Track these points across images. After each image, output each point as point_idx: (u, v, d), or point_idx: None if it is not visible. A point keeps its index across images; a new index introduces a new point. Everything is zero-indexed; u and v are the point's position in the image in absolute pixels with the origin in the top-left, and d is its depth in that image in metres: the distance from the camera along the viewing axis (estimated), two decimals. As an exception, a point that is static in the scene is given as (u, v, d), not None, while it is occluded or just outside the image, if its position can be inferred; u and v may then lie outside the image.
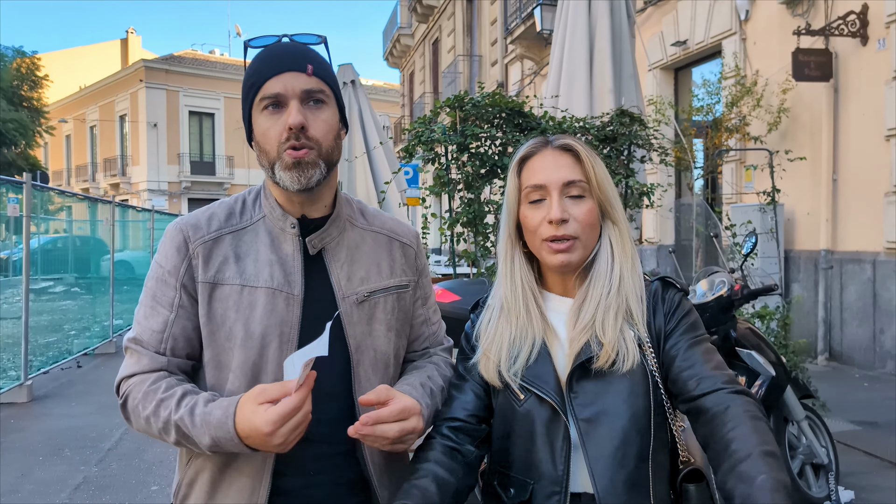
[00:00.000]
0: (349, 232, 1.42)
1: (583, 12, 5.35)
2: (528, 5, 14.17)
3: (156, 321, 1.31)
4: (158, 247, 1.36)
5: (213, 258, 1.32)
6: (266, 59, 1.31)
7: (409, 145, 4.74)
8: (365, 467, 1.36)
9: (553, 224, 1.31)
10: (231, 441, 1.18)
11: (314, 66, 1.31)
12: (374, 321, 1.38)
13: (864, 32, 7.29)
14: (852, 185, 7.51)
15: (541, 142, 1.40)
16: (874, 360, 7.17)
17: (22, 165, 25.41)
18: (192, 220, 1.36)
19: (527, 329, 1.36)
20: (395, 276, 1.45)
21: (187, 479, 1.34)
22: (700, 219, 8.66)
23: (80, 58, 43.40)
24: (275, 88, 1.28)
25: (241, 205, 1.40)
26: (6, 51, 27.66)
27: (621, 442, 1.26)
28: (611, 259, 1.36)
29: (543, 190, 1.35)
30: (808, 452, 3.71)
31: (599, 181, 1.35)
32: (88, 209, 12.30)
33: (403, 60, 28.41)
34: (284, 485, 1.31)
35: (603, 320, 1.31)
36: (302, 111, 1.28)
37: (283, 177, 1.29)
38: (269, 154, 1.30)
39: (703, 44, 9.71)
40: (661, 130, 5.56)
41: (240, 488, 1.29)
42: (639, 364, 1.29)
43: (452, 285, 3.44)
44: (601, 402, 1.28)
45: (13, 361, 7.47)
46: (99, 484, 4.57)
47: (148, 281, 1.35)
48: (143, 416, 1.26)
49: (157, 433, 1.26)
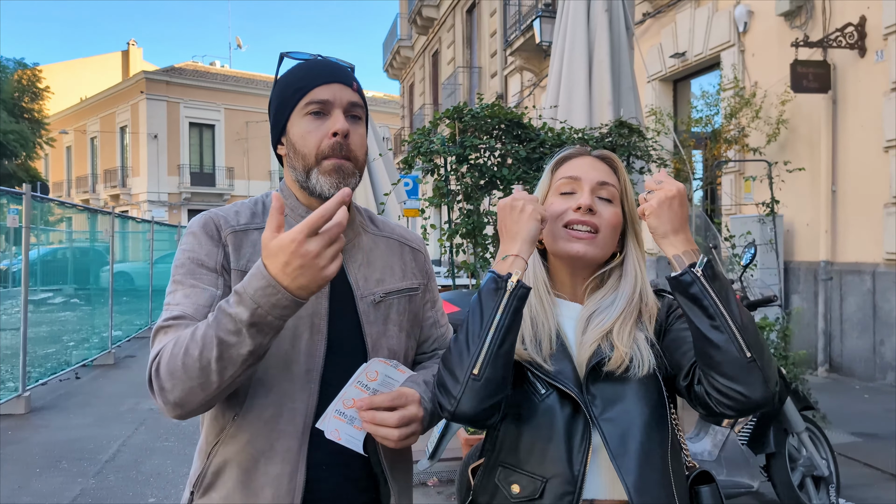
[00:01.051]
0: (363, 236, 1.47)
1: (582, 24, 5.37)
2: (527, 17, 14.23)
3: (201, 297, 1.27)
4: (185, 238, 1.35)
5: (243, 248, 1.34)
6: (315, 69, 1.37)
7: (409, 156, 4.75)
8: (377, 464, 1.37)
9: (580, 210, 1.35)
10: (268, 288, 1.08)
11: (357, 84, 1.40)
12: (388, 322, 1.42)
13: (862, 44, 7.32)
14: (851, 196, 7.51)
15: (582, 149, 1.48)
16: (874, 371, 7.15)
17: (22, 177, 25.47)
18: (220, 213, 1.38)
19: (543, 321, 1.37)
20: (406, 278, 1.49)
21: (213, 467, 1.32)
22: (699, 230, 8.66)
23: (81, 69, 43.57)
24: (323, 95, 1.33)
25: (261, 206, 1.43)
26: (7, 62, 27.79)
27: (645, 439, 1.26)
28: (639, 274, 1.40)
29: (576, 183, 1.39)
30: (809, 464, 3.69)
31: (629, 195, 1.42)
32: (88, 220, 12.30)
33: (403, 72, 28.51)
34: (307, 475, 1.32)
35: (620, 330, 1.33)
36: (346, 121, 1.34)
37: (321, 181, 1.33)
38: (306, 158, 1.34)
39: (702, 55, 9.74)
40: (661, 142, 5.56)
41: (276, 475, 1.28)
42: (654, 368, 1.32)
43: (451, 296, 3.44)
44: (620, 403, 1.29)
45: (11, 373, 7.44)
46: (96, 496, 4.55)
47: (178, 269, 1.31)
48: (181, 355, 1.14)
49: (196, 368, 1.13)
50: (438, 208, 4.86)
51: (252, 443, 1.29)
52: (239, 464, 1.30)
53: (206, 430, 1.35)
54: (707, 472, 1.35)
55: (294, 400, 1.30)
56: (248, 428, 1.29)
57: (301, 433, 1.30)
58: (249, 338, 1.11)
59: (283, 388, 1.30)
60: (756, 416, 3.54)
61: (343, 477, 1.35)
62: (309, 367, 1.31)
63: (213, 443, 1.32)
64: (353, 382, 1.24)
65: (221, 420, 1.32)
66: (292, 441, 1.29)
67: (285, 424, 1.29)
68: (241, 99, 35.05)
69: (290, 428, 1.29)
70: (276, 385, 1.30)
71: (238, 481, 1.29)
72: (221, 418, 1.32)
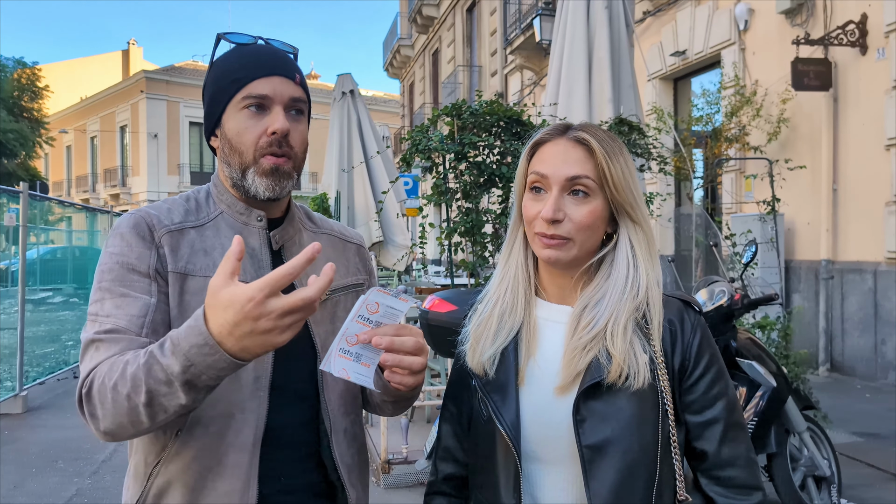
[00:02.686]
0: (302, 234, 1.40)
1: (581, 22, 5.34)
2: (527, 16, 14.20)
3: (134, 307, 1.16)
4: (111, 240, 1.23)
5: (181, 248, 1.24)
6: (254, 58, 1.27)
7: (407, 154, 4.72)
8: (334, 470, 1.30)
9: (545, 222, 1.21)
10: (205, 348, 0.98)
11: (300, 76, 1.30)
12: (336, 320, 1.35)
13: (863, 42, 7.29)
14: (852, 194, 7.48)
15: (558, 129, 1.29)
16: (876, 370, 7.12)
17: (22, 176, 25.42)
18: (151, 211, 1.27)
19: (507, 316, 1.28)
20: (350, 274, 1.44)
21: (154, 490, 1.20)
22: (700, 228, 8.64)
23: (82, 69, 43.58)
24: (262, 90, 1.24)
25: (194, 203, 1.32)
26: (7, 61, 27.75)
27: (626, 474, 1.16)
28: (633, 261, 1.24)
29: (545, 181, 1.24)
30: (810, 464, 3.66)
31: (615, 179, 1.22)
32: (87, 219, 12.27)
33: (403, 71, 28.49)
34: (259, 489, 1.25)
35: (613, 330, 1.20)
36: (286, 118, 1.25)
37: (256, 182, 1.25)
38: (242, 156, 1.25)
39: (703, 54, 9.71)
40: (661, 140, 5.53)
41: (225, 492, 1.19)
42: (650, 384, 1.18)
43: (449, 295, 3.40)
44: (608, 427, 1.17)
45: (9, 372, 7.42)
46: (92, 496, 4.52)
47: (104, 274, 1.20)
48: (110, 388, 1.06)
49: (125, 406, 1.05)
50: (437, 207, 4.83)
51: (198, 459, 1.19)
52: (185, 483, 1.19)
53: (144, 449, 1.23)
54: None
55: (243, 410, 1.21)
56: (193, 444, 1.18)
57: (252, 445, 1.20)
58: (183, 393, 1.02)
59: (231, 398, 1.20)
60: (757, 416, 3.51)
61: (298, 488, 1.28)
62: (258, 373, 1.22)
63: (154, 463, 1.21)
64: (353, 317, 1.14)
65: (162, 438, 1.20)
66: (242, 455, 1.19)
67: (234, 437, 1.20)
68: (241, 98, 35.01)
69: (240, 440, 1.20)
70: (223, 395, 1.18)
71: (184, 503, 1.20)
72: (162, 436, 1.20)
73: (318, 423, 1.31)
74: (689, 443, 1.25)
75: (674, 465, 1.21)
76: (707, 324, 1.32)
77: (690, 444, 1.25)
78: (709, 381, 1.24)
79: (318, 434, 1.31)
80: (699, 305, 1.30)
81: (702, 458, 1.25)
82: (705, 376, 1.24)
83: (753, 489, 1.23)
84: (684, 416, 1.24)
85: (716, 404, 1.24)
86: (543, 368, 1.24)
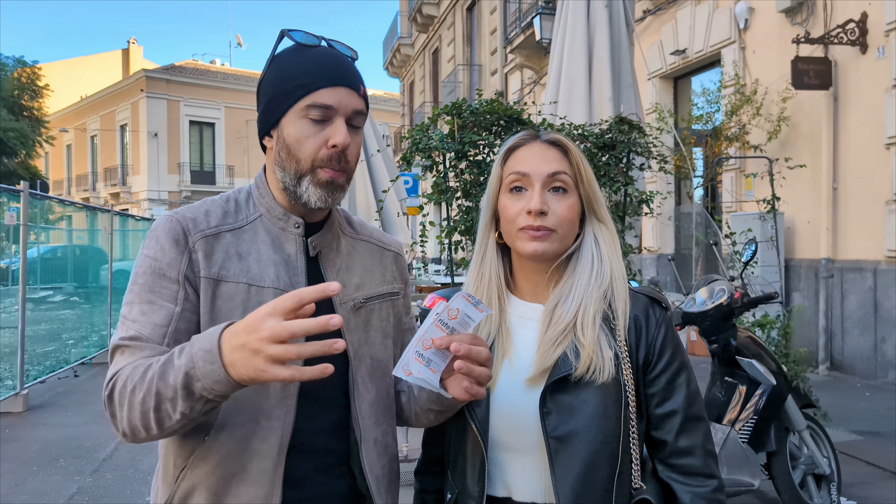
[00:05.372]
0: (341, 239, 1.38)
1: (581, 21, 5.35)
2: (527, 15, 14.20)
3: (158, 315, 1.18)
4: (148, 241, 1.24)
5: (215, 253, 1.23)
6: (323, 65, 1.24)
7: (407, 153, 4.72)
8: (362, 479, 1.30)
9: (531, 215, 1.27)
10: (207, 354, 1.00)
11: (363, 88, 1.28)
12: (370, 328, 1.34)
13: (863, 41, 7.28)
14: (852, 193, 7.48)
15: (530, 135, 1.37)
16: (875, 369, 7.12)
17: (22, 175, 25.41)
18: (188, 214, 1.26)
19: (483, 322, 1.32)
20: (386, 283, 1.42)
21: (180, 493, 1.21)
22: (700, 227, 8.65)
23: (82, 68, 43.56)
24: (329, 99, 1.22)
25: (233, 204, 1.32)
26: (7, 60, 27.71)
27: (590, 464, 1.22)
28: (597, 254, 1.32)
29: (526, 179, 1.30)
30: (810, 462, 3.67)
31: (588, 177, 1.33)
32: (87, 218, 12.28)
33: (403, 70, 28.48)
34: (283, 496, 1.24)
35: (583, 321, 1.26)
36: (347, 132, 1.24)
37: (311, 191, 1.24)
38: (299, 163, 1.24)
39: (703, 53, 9.71)
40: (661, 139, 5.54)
41: (249, 498, 1.20)
42: (613, 378, 1.24)
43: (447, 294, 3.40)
44: (574, 420, 1.23)
45: (10, 371, 7.43)
46: (93, 494, 4.53)
47: (137, 277, 1.22)
48: (129, 391, 1.09)
49: (139, 410, 1.08)
50: (437, 205, 4.83)
51: (223, 464, 1.19)
52: (208, 488, 1.20)
53: (173, 452, 1.24)
54: (648, 501, 1.28)
55: (270, 417, 1.21)
56: (218, 449, 1.19)
57: (277, 453, 1.21)
58: (181, 398, 1.04)
59: (258, 406, 1.20)
60: (757, 415, 3.51)
61: (325, 495, 1.28)
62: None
63: (181, 466, 1.22)
64: (434, 322, 1.13)
65: (191, 442, 1.21)
66: (266, 462, 1.20)
67: (259, 443, 1.20)
68: (242, 97, 34.99)
69: (265, 447, 1.20)
70: (250, 402, 1.20)
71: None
72: (191, 440, 1.21)
73: (348, 432, 1.30)
74: (649, 433, 1.32)
75: (632, 455, 1.28)
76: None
77: (650, 434, 1.32)
78: (670, 375, 1.31)
79: (348, 443, 1.30)
80: (666, 301, 1.37)
81: (661, 448, 1.31)
82: (667, 371, 1.31)
83: (709, 477, 1.29)
84: (646, 407, 1.31)
85: (675, 397, 1.30)
86: (516, 366, 1.30)
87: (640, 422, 1.30)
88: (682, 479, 1.29)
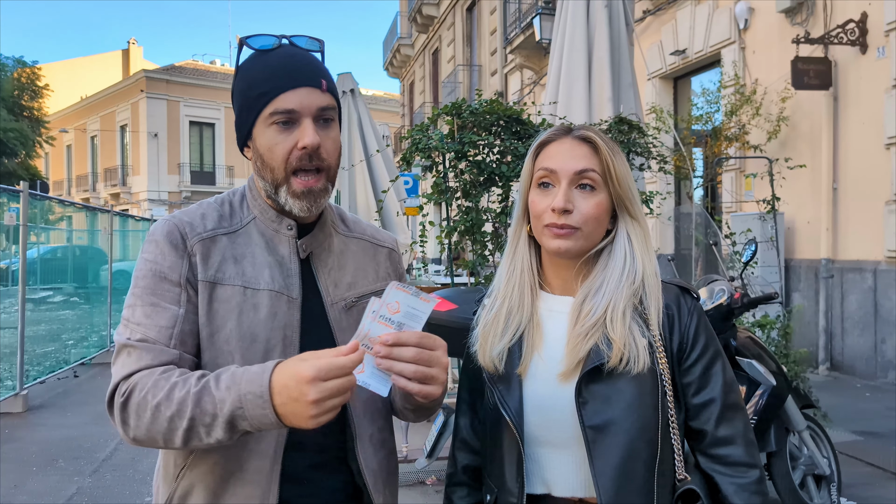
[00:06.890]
0: (333, 238, 1.39)
1: (581, 21, 5.35)
2: (527, 15, 14.20)
3: (163, 318, 1.20)
4: (147, 245, 1.26)
5: (212, 256, 1.25)
6: (279, 70, 1.24)
7: (407, 153, 4.72)
8: (359, 475, 1.31)
9: (556, 212, 1.28)
10: (258, 399, 1.05)
11: (326, 80, 1.27)
12: None
13: (863, 41, 7.28)
14: (852, 193, 7.48)
15: (562, 130, 1.37)
16: (876, 369, 7.12)
17: (22, 175, 25.41)
18: (185, 218, 1.29)
19: (514, 314, 1.33)
20: (380, 280, 1.42)
21: (180, 491, 1.24)
22: (700, 227, 8.64)
23: (82, 68, 43.57)
24: (289, 104, 1.22)
25: (228, 207, 1.34)
26: (7, 61, 27.74)
27: (629, 454, 1.22)
28: (630, 252, 1.31)
29: (553, 175, 1.30)
30: (810, 463, 3.67)
31: (618, 175, 1.31)
32: (87, 219, 12.27)
33: (403, 70, 28.48)
34: (281, 494, 1.26)
35: (612, 316, 1.25)
36: (316, 131, 1.23)
37: (290, 203, 1.26)
38: (274, 172, 1.25)
39: (703, 53, 9.71)
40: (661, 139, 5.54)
41: (246, 496, 1.22)
42: (649, 368, 1.23)
43: (449, 294, 3.40)
44: (610, 409, 1.23)
45: (9, 371, 7.43)
46: (93, 495, 4.52)
47: (139, 280, 1.24)
48: (152, 406, 1.11)
49: (164, 427, 1.11)
50: (437, 205, 4.83)
51: (221, 464, 1.22)
52: (207, 486, 1.22)
53: (173, 453, 1.27)
54: (694, 491, 1.27)
55: None
56: (217, 448, 1.19)
57: (274, 451, 1.23)
58: (223, 430, 1.09)
59: None
60: (757, 415, 3.51)
61: (323, 492, 1.29)
62: None
63: (181, 466, 1.25)
64: (375, 317, 1.10)
65: None
66: (263, 461, 1.22)
67: (256, 443, 1.22)
68: (242, 97, 34.95)
69: (262, 446, 1.22)
70: None
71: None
72: None
73: (344, 428, 1.31)
74: (688, 423, 1.31)
75: (673, 446, 1.26)
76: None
77: (689, 425, 1.31)
78: (705, 364, 1.30)
79: (344, 439, 1.32)
80: (696, 291, 1.36)
81: (700, 438, 1.30)
82: (702, 359, 1.30)
83: (750, 467, 1.27)
84: (683, 397, 1.30)
85: (712, 385, 1.29)
86: (546, 359, 1.30)
87: (679, 412, 1.28)
88: (723, 470, 1.27)
